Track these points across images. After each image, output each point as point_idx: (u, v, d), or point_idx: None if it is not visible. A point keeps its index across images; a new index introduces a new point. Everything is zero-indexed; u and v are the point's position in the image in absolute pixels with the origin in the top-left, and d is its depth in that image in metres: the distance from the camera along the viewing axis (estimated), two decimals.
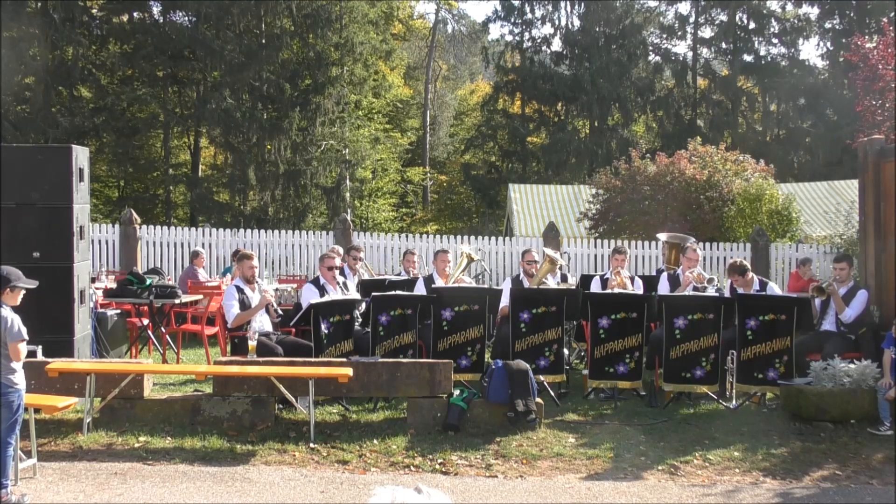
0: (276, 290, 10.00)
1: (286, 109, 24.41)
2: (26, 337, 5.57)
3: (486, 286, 10.64)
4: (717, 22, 37.15)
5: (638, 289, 9.27)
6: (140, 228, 14.85)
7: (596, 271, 12.88)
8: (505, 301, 8.58)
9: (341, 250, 10.26)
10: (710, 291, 8.78)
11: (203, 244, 14.81)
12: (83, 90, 25.02)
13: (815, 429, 7.23)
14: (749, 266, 8.92)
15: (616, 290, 8.81)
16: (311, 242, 15.54)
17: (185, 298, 10.26)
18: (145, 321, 10.24)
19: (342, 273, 9.28)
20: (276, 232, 15.82)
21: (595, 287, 9.32)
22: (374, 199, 31.11)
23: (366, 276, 10.58)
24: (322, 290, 8.55)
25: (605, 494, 5.85)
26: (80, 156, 8.07)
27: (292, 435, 6.90)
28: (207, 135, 26.39)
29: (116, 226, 15.04)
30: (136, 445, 6.60)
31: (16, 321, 5.50)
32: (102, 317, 9.35)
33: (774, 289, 9.05)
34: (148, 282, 9.82)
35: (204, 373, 8.04)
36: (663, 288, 9.04)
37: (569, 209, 23.24)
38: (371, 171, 29.74)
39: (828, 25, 35.54)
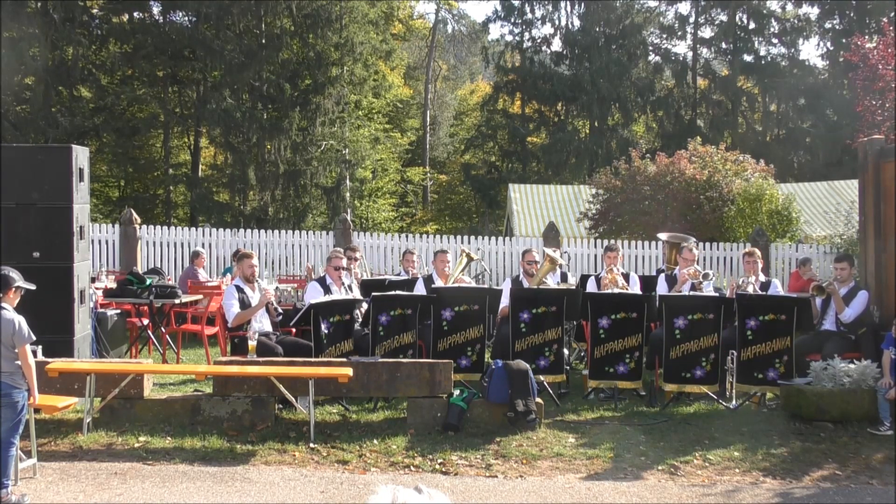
0: (277, 289, 10.00)
1: (286, 109, 24.40)
2: (34, 338, 5.59)
3: (486, 286, 10.64)
4: (717, 22, 37.15)
5: (634, 286, 9.26)
6: (140, 228, 14.85)
7: (596, 271, 12.89)
8: (505, 301, 8.58)
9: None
10: (708, 287, 8.78)
11: (203, 244, 14.81)
12: (83, 90, 25.00)
13: (815, 429, 7.23)
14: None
15: (612, 290, 8.80)
16: (311, 242, 15.53)
17: (185, 298, 10.26)
18: (145, 321, 10.24)
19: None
20: (276, 232, 15.82)
21: (591, 287, 9.31)
22: (374, 199, 31.11)
23: (364, 277, 10.58)
24: (327, 290, 8.56)
25: (605, 494, 5.86)
26: (80, 156, 8.07)
27: (292, 435, 6.90)
28: (207, 135, 26.38)
29: (116, 226, 15.04)
30: (136, 445, 6.61)
31: (23, 324, 5.51)
32: (102, 317, 9.35)
33: (777, 286, 9.05)
34: (148, 282, 9.83)
35: (204, 373, 8.04)
36: (661, 288, 9.04)
37: (569, 209, 23.24)
38: (371, 171, 29.73)
39: (828, 25, 35.54)
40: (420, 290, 8.92)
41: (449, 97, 43.69)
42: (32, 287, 5.80)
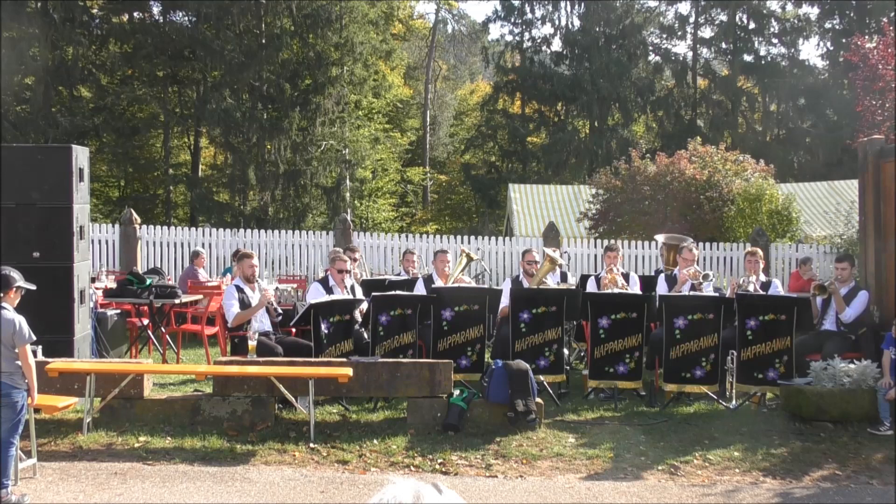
0: (276, 289, 10.01)
1: (286, 109, 24.40)
2: (34, 338, 5.59)
3: (486, 286, 10.63)
4: (717, 22, 37.15)
5: (634, 285, 9.27)
6: (140, 228, 14.84)
7: (596, 271, 12.91)
8: (505, 301, 8.58)
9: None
10: (707, 288, 8.78)
11: (203, 244, 14.80)
12: (83, 90, 25.01)
13: (815, 429, 7.23)
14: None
15: (612, 290, 8.80)
16: (311, 242, 15.52)
17: (185, 298, 10.26)
18: (145, 321, 10.24)
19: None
20: (276, 232, 15.81)
21: (591, 287, 9.32)
22: (374, 199, 31.08)
23: (364, 277, 10.58)
24: (329, 292, 8.56)
25: (605, 494, 5.86)
26: (80, 156, 8.07)
27: (292, 435, 6.90)
28: (207, 135, 26.38)
29: (116, 226, 15.03)
30: (136, 445, 6.60)
31: (23, 324, 5.51)
32: (102, 317, 9.35)
33: (778, 287, 9.05)
34: (148, 282, 9.83)
35: (204, 373, 8.04)
36: (661, 289, 9.04)
37: (569, 209, 23.23)
38: (371, 171, 29.72)
39: (828, 25, 35.53)
40: (420, 290, 8.92)
41: (449, 97, 43.66)
42: (33, 287, 5.80)
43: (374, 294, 8.44)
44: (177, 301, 9.96)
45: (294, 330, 8.75)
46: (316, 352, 7.88)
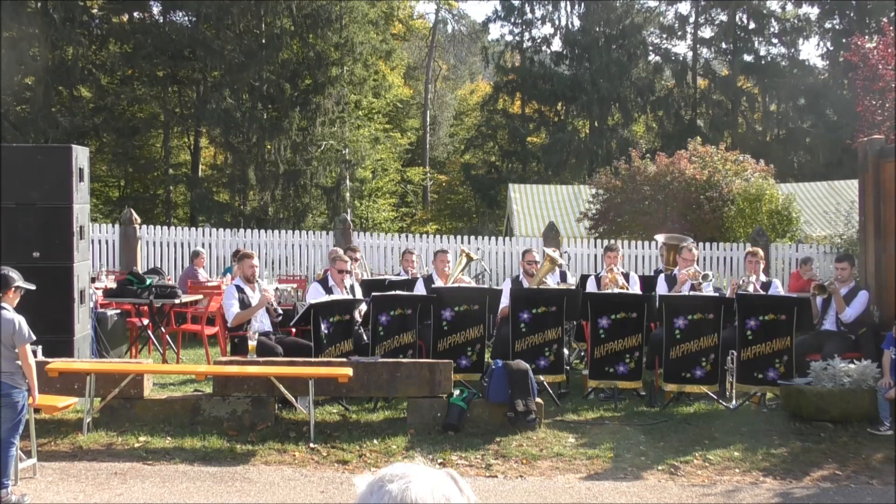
0: (276, 289, 10.00)
1: (286, 109, 24.39)
2: (34, 338, 5.59)
3: (486, 286, 10.63)
4: (717, 22, 37.15)
5: (634, 285, 9.27)
6: (140, 228, 14.84)
7: (596, 271, 12.90)
8: (505, 301, 8.58)
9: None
10: (707, 288, 8.78)
11: (203, 244, 14.80)
12: (83, 90, 25.00)
13: (815, 429, 7.23)
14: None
15: (612, 290, 8.81)
16: (311, 242, 15.52)
17: (185, 298, 10.26)
18: (145, 321, 10.24)
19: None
20: (276, 232, 15.81)
21: (591, 286, 9.32)
22: (374, 199, 31.08)
23: (364, 277, 10.57)
24: (329, 292, 8.56)
25: (605, 494, 5.86)
26: (80, 156, 8.07)
27: (292, 435, 6.90)
28: (207, 135, 26.37)
29: (116, 226, 15.03)
30: (136, 445, 6.61)
31: (23, 324, 5.51)
32: (102, 317, 9.35)
33: (778, 287, 9.05)
34: (148, 282, 9.83)
35: (204, 373, 8.04)
36: (661, 288, 9.03)
37: (569, 209, 23.23)
38: (371, 171, 29.72)
39: (828, 25, 35.53)
40: (420, 290, 8.92)
41: (449, 97, 43.66)
42: (32, 287, 5.80)
43: (374, 294, 8.44)
44: (177, 301, 9.96)
45: (294, 330, 8.75)
46: (316, 352, 7.88)
